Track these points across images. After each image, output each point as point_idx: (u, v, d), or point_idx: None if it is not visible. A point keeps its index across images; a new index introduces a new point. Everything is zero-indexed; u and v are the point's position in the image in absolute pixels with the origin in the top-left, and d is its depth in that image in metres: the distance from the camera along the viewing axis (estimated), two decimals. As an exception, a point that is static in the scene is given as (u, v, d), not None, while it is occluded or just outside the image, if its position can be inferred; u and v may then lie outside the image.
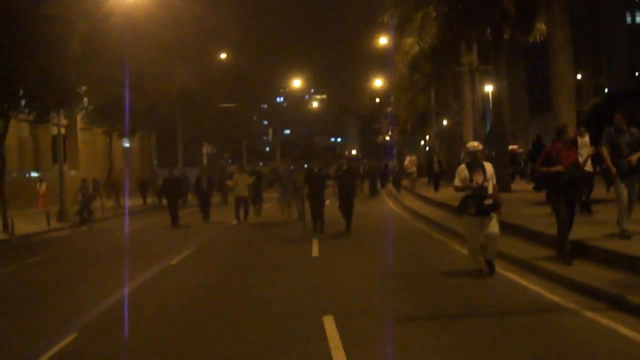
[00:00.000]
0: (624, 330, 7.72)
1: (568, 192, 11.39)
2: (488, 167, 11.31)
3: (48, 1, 22.68)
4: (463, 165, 11.52)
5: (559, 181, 11.30)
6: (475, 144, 11.63)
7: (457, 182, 11.45)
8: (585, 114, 29.22)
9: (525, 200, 20.64)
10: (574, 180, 11.39)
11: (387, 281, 11.79)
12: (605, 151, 12.05)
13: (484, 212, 11.10)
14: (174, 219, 24.88)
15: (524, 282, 10.79)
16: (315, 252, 16.11)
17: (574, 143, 14.19)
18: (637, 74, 73.28)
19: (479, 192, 11.05)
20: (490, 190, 11.15)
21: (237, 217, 24.36)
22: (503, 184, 25.61)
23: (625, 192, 11.94)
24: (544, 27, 23.77)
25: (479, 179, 11.08)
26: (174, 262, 15.36)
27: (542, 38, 25.05)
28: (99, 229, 25.48)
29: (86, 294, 12.01)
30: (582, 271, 10.45)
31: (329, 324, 8.61)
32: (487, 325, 8.35)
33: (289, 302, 10.36)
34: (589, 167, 14.91)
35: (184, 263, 15.37)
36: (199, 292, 11.80)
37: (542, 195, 20.98)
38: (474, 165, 11.26)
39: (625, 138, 11.98)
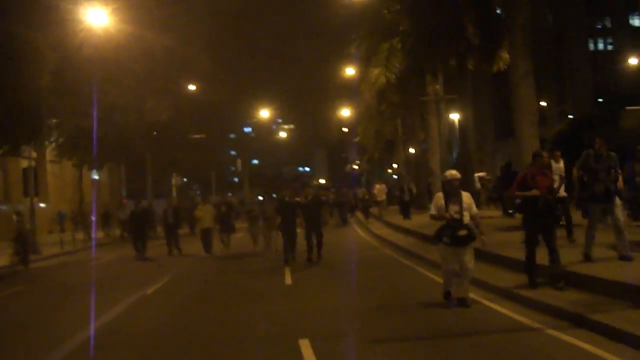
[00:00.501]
0: (584, 345, 8.19)
1: (543, 218, 11.35)
2: (465, 196, 11.11)
3: (18, 36, 22.90)
4: (440, 194, 11.32)
5: (535, 206, 11.29)
6: (453, 172, 11.41)
7: (432, 210, 11.30)
8: (549, 141, 29.95)
9: (494, 226, 21.04)
10: (549, 205, 11.37)
11: (360, 305, 12.15)
12: (577, 175, 12.27)
13: (458, 243, 10.88)
14: (139, 251, 24.41)
15: (493, 305, 11.06)
16: (288, 280, 16.30)
17: (549, 168, 13.94)
18: (600, 100, 74.78)
19: (453, 223, 10.84)
20: (466, 220, 10.93)
21: (206, 249, 23.86)
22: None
23: (597, 218, 12.10)
24: (507, 56, 24.37)
25: (454, 208, 10.87)
26: (149, 291, 15.56)
27: (506, 66, 25.62)
28: (73, 261, 25.53)
29: (51, 331, 11.79)
30: (547, 293, 10.81)
31: (305, 347, 8.94)
32: (456, 345, 8.85)
33: (266, 327, 10.69)
34: (562, 192, 14.70)
35: (158, 294, 15.37)
36: (176, 321, 11.88)
37: (510, 221, 21.61)
38: (451, 194, 11.06)
39: (603, 163, 11.99)
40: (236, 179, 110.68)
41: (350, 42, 35.69)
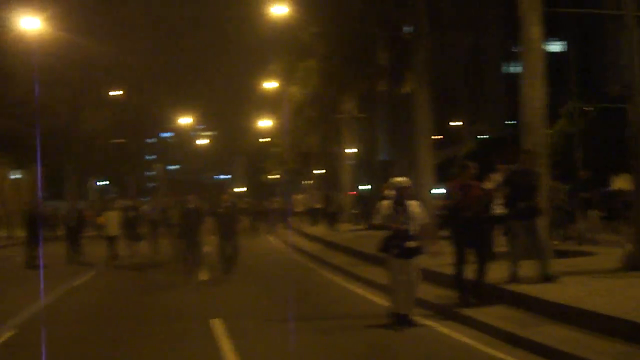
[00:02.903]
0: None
1: (472, 231, 11.01)
2: (414, 205, 10.55)
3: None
4: (386, 202, 10.74)
5: (463, 219, 10.97)
6: (402, 179, 10.81)
7: (377, 219, 10.73)
8: (460, 159, 32.23)
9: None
10: (478, 218, 11.07)
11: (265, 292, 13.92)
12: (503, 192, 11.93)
13: (406, 255, 10.30)
14: (31, 258, 21.69)
15: (435, 324, 10.67)
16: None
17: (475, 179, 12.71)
18: (512, 122, 78.43)
19: (400, 233, 10.29)
20: (413, 231, 10.39)
21: (112, 258, 22.07)
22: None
23: (522, 236, 11.72)
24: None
25: (401, 218, 10.33)
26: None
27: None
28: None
29: None
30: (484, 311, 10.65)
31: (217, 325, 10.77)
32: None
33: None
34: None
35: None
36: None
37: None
38: (398, 203, 10.49)
39: (528, 179, 11.71)
40: (153, 184, 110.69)
41: (271, 58, 37.62)
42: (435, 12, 23.26)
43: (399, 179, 10.85)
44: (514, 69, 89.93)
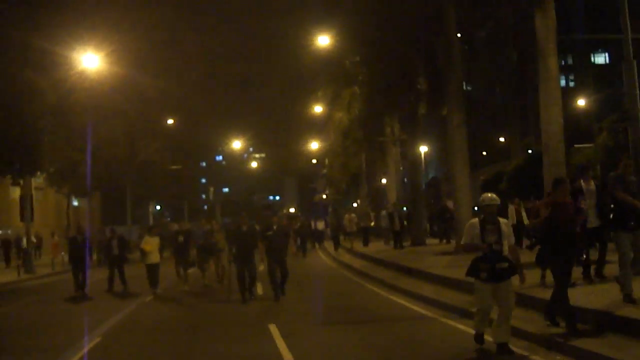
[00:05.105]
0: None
1: (566, 251, 10.17)
2: (503, 224, 9.70)
3: (18, 77, 25.66)
4: (474, 221, 9.87)
5: (559, 238, 10.13)
6: (491, 195, 9.86)
7: (465, 239, 9.88)
8: (508, 173, 33.09)
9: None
10: (571, 237, 10.23)
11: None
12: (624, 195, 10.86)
13: (498, 278, 9.44)
14: (78, 287, 20.40)
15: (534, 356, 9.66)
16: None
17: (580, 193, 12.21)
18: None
19: (492, 254, 9.46)
20: (505, 251, 9.55)
21: (153, 289, 19.94)
22: (419, 238, 29.97)
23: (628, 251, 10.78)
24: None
25: (492, 237, 9.47)
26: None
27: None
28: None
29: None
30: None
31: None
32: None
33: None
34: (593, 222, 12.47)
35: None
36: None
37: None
38: (488, 221, 9.61)
39: (630, 188, 10.94)
40: (206, 207, 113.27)
41: (317, 86, 39.43)
42: (468, 39, 24.69)
43: (489, 194, 9.90)
44: (563, 82, 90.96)
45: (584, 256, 12.77)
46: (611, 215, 11.03)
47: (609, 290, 11.32)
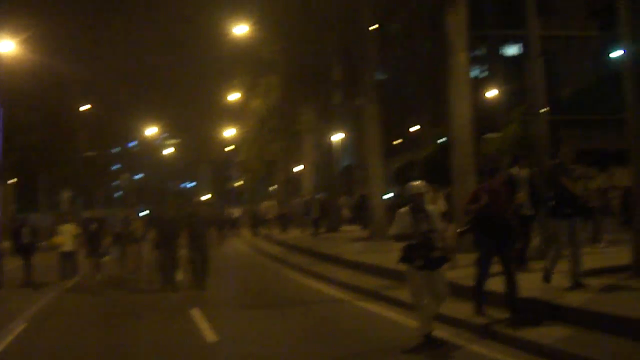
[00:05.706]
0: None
1: (499, 237, 10.21)
2: (434, 212, 9.67)
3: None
4: (405, 209, 9.52)
5: (490, 224, 10.25)
6: (418, 183, 9.63)
7: (394, 229, 9.53)
8: (420, 162, 34.15)
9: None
10: (506, 223, 10.40)
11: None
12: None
13: (432, 265, 9.25)
14: None
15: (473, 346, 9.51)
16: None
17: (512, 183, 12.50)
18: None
19: (425, 242, 9.25)
20: (438, 239, 9.42)
21: (63, 278, 19.31)
22: (334, 225, 30.81)
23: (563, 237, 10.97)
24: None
25: (423, 226, 9.30)
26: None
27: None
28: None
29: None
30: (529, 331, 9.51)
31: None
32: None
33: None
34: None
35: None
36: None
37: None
38: (418, 209, 9.41)
39: (570, 175, 11.16)
40: (118, 194, 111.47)
41: (235, 72, 39.62)
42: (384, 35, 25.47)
43: (416, 183, 9.63)
44: (474, 73, 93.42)
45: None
46: (553, 203, 11.14)
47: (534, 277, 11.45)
